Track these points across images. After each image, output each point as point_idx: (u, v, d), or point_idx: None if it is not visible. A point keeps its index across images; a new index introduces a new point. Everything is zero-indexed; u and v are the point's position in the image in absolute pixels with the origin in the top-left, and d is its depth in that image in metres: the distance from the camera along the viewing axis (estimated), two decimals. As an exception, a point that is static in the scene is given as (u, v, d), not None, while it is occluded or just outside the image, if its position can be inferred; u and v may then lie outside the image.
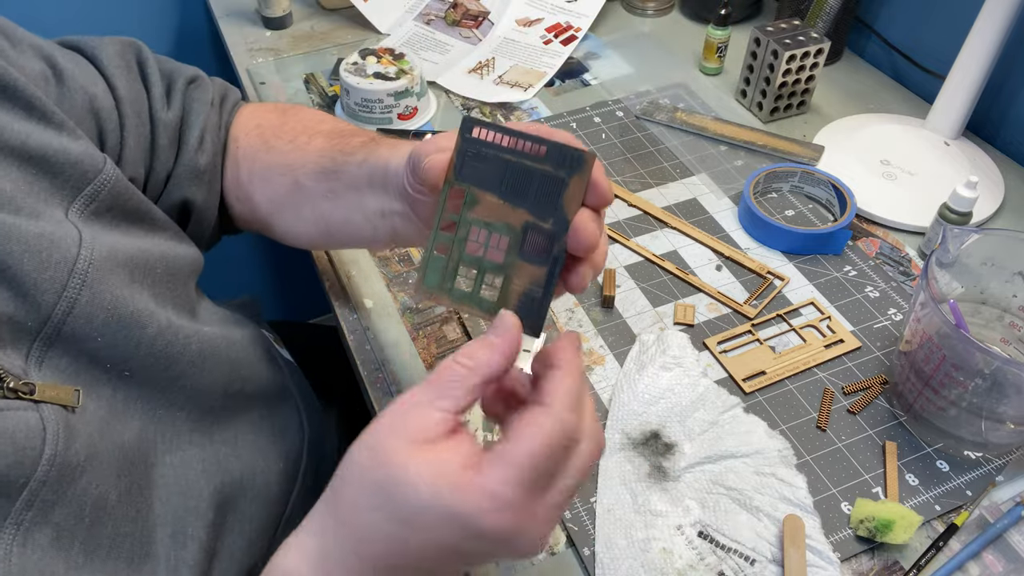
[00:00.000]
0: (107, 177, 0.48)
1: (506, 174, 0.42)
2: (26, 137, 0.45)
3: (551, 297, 0.42)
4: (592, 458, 0.38)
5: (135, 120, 0.56)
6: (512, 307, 0.42)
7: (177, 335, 0.49)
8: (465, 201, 0.43)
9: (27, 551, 0.38)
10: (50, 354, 0.43)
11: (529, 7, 1.07)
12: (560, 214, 0.42)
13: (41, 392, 0.40)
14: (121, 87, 0.56)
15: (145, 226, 0.52)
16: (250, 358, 0.57)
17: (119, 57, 0.57)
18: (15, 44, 0.51)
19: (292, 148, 0.61)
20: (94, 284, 0.44)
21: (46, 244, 0.43)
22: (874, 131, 0.85)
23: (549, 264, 0.42)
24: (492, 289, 0.43)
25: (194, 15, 1.23)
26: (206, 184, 0.61)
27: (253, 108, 0.67)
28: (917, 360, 0.56)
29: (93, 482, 0.42)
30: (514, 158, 0.42)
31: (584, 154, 0.41)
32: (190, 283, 0.55)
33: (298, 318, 1.69)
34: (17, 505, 0.38)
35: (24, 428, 0.39)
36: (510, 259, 0.42)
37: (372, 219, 0.56)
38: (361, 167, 0.55)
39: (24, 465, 0.39)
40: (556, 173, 0.42)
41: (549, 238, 0.42)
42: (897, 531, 0.52)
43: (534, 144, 0.41)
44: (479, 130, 0.42)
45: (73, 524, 0.41)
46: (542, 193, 0.42)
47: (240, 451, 0.54)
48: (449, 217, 0.43)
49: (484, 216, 0.43)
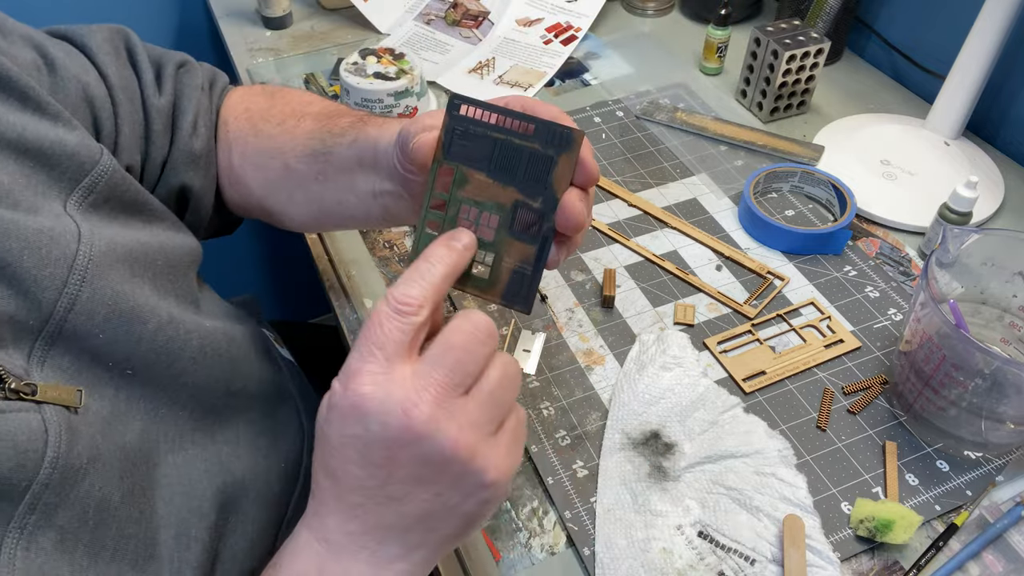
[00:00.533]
0: (104, 168, 0.48)
1: (494, 152, 0.42)
2: (22, 129, 0.44)
3: (541, 274, 0.43)
4: (511, 371, 0.40)
5: (128, 107, 0.56)
6: (503, 284, 0.43)
7: (178, 330, 0.48)
8: (454, 180, 0.43)
9: (31, 555, 0.38)
10: (52, 353, 0.42)
11: (529, 7, 1.07)
12: (549, 193, 0.42)
13: (43, 393, 0.40)
14: (112, 74, 0.55)
15: (143, 217, 0.51)
16: (250, 356, 0.57)
17: (108, 44, 0.57)
18: (6, 34, 0.50)
19: (281, 131, 0.60)
20: (94, 280, 0.44)
21: (45, 240, 0.42)
22: (874, 131, 0.85)
23: (539, 242, 0.42)
24: (483, 266, 0.43)
25: (194, 15, 1.23)
26: (202, 169, 0.61)
27: (242, 91, 0.66)
28: (917, 360, 0.56)
29: (96, 484, 0.42)
30: (502, 136, 0.42)
31: (573, 132, 0.41)
32: (191, 274, 0.54)
33: (298, 318, 1.70)
34: (20, 509, 0.38)
35: (26, 430, 0.38)
36: (500, 237, 0.43)
37: (364, 199, 0.55)
38: (350, 148, 0.55)
39: (26, 468, 0.38)
40: (544, 151, 0.42)
41: (538, 216, 0.42)
42: (897, 531, 0.52)
43: (522, 122, 0.41)
44: (466, 108, 0.42)
45: (77, 527, 0.40)
46: (531, 171, 0.42)
47: (241, 451, 0.54)
48: (439, 196, 0.43)
49: (473, 195, 0.43)
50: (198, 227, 0.63)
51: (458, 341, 0.38)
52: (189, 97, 0.60)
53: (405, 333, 0.38)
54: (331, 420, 0.38)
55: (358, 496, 0.39)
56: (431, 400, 0.37)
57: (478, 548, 0.54)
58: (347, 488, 0.39)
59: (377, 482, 0.38)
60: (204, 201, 0.62)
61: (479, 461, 0.38)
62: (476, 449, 0.37)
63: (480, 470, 0.38)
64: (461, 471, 0.38)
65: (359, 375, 0.37)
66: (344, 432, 0.38)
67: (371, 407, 0.37)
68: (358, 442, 0.38)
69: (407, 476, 0.38)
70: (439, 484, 0.38)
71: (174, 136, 0.59)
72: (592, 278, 0.72)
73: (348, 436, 0.38)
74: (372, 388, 0.37)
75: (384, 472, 0.38)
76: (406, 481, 0.38)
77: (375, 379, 0.37)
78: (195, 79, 0.62)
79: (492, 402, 0.39)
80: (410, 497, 0.38)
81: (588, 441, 0.60)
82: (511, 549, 0.54)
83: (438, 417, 0.37)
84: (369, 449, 0.38)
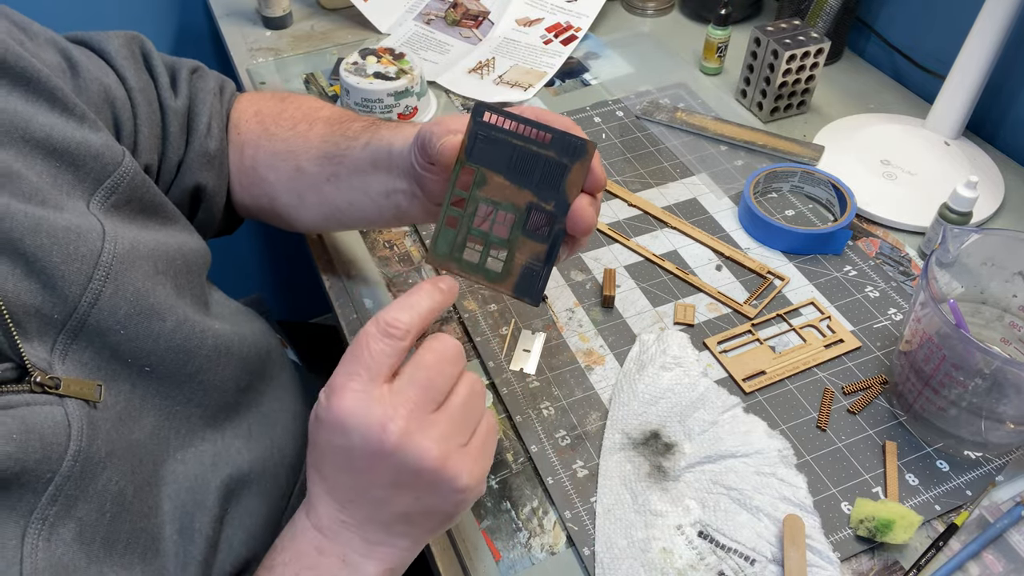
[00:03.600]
0: (126, 170, 0.49)
1: (513, 157, 0.46)
2: (50, 129, 0.46)
3: (551, 271, 0.47)
4: (477, 388, 0.44)
5: (146, 109, 0.57)
6: (515, 277, 0.47)
7: (194, 328, 0.50)
8: (475, 180, 0.46)
9: (52, 545, 0.39)
10: (74, 347, 0.43)
11: (529, 7, 1.07)
12: (561, 197, 0.46)
13: (66, 387, 0.41)
14: (131, 77, 0.57)
15: (159, 219, 0.53)
16: (260, 354, 0.58)
17: (126, 49, 0.58)
18: (32, 37, 0.51)
19: (293, 135, 0.63)
20: (118, 276, 0.45)
21: (73, 237, 0.43)
22: (874, 131, 0.85)
23: (549, 241, 0.46)
24: (497, 261, 0.47)
25: (194, 15, 1.23)
26: (216, 169, 0.63)
27: (252, 96, 0.68)
28: (917, 360, 0.56)
29: (113, 478, 0.43)
30: (521, 143, 0.46)
31: (586, 143, 0.45)
32: (203, 276, 0.56)
33: (299, 318, 1.70)
34: (43, 500, 0.39)
35: (51, 423, 0.40)
36: (514, 235, 0.47)
37: (377, 199, 0.58)
38: (365, 150, 0.57)
39: (51, 460, 0.39)
40: (559, 159, 0.45)
41: (550, 218, 0.46)
42: (897, 531, 0.52)
43: (540, 131, 0.45)
44: (490, 115, 0.46)
45: (95, 519, 0.42)
46: (545, 176, 0.46)
47: (250, 444, 0.55)
48: (459, 193, 0.47)
49: (491, 195, 0.46)
50: (209, 226, 0.65)
51: (430, 361, 0.42)
52: (203, 100, 0.62)
53: (389, 356, 0.41)
54: (319, 429, 0.42)
55: (347, 494, 0.43)
56: (406, 415, 0.40)
57: (478, 548, 0.54)
58: (336, 487, 0.43)
59: (361, 485, 0.42)
60: (216, 200, 0.64)
61: (451, 469, 0.41)
62: (448, 458, 0.41)
63: (453, 477, 0.41)
64: (434, 479, 0.41)
65: (343, 391, 0.41)
66: (330, 441, 0.42)
67: (352, 423, 0.40)
68: (343, 451, 0.41)
69: (388, 483, 0.41)
70: (417, 490, 0.42)
71: (189, 137, 0.61)
72: (592, 278, 0.72)
73: (334, 446, 0.42)
74: (353, 404, 0.40)
75: (367, 478, 0.42)
76: (387, 487, 0.42)
77: (356, 396, 0.40)
78: (208, 83, 0.64)
79: (462, 416, 0.42)
80: (392, 499, 0.42)
81: (588, 441, 0.60)
82: (511, 549, 0.54)
83: (412, 431, 0.40)
84: (352, 458, 0.41)
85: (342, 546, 0.44)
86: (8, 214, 0.41)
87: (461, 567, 0.54)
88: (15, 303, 0.41)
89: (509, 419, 0.61)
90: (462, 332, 0.68)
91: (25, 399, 0.40)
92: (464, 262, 0.47)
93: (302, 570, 0.43)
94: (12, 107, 0.45)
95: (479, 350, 0.66)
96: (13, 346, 0.40)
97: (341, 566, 0.43)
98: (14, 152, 0.44)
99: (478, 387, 0.44)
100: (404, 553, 0.45)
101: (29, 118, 0.45)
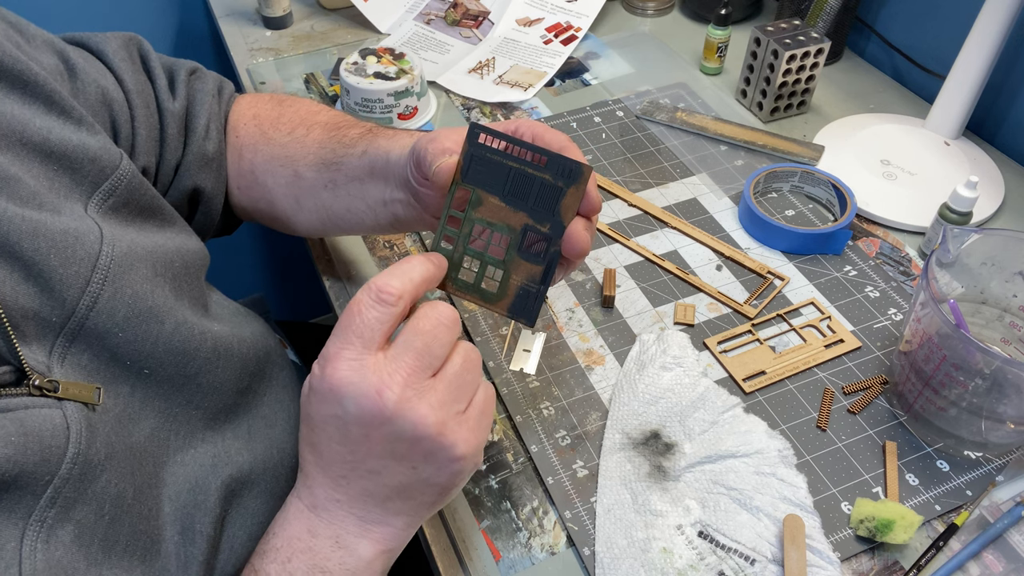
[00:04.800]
0: (124, 173, 0.49)
1: (509, 179, 0.46)
2: (48, 132, 0.46)
3: (546, 292, 0.47)
4: (473, 356, 0.43)
5: (144, 111, 0.57)
6: (510, 298, 0.47)
7: (193, 331, 0.49)
8: (470, 201, 0.46)
9: (50, 548, 0.39)
10: (72, 350, 0.43)
11: (529, 7, 1.07)
12: (557, 219, 0.46)
13: (64, 390, 0.41)
14: (128, 80, 0.57)
15: (157, 221, 0.53)
16: (260, 355, 0.58)
17: (123, 51, 0.58)
18: (29, 39, 0.51)
19: (291, 140, 0.63)
20: (116, 279, 0.45)
21: (71, 240, 0.43)
22: (874, 131, 0.85)
23: (545, 263, 0.46)
24: (492, 281, 0.47)
25: (194, 15, 1.23)
26: (214, 171, 0.62)
27: (250, 98, 0.68)
28: (917, 360, 0.56)
29: (112, 480, 0.43)
30: (517, 165, 0.45)
31: (583, 167, 0.45)
32: (201, 277, 0.56)
33: (299, 318, 1.70)
34: (41, 502, 0.39)
35: (49, 426, 0.40)
36: (510, 256, 0.46)
37: (374, 207, 0.58)
38: (362, 158, 0.57)
39: (50, 463, 0.39)
40: (555, 182, 0.45)
41: (546, 240, 0.46)
42: (897, 531, 0.52)
43: (536, 153, 0.45)
44: (485, 137, 0.46)
45: (93, 521, 0.41)
46: (541, 199, 0.46)
47: (251, 445, 0.55)
48: (454, 214, 0.47)
49: (487, 216, 0.46)
50: (207, 228, 0.65)
51: (425, 327, 0.41)
52: (201, 102, 0.62)
53: (382, 322, 0.40)
54: (312, 401, 0.42)
55: (341, 468, 0.42)
56: (402, 382, 0.40)
57: (478, 548, 0.54)
58: (330, 462, 0.43)
59: (357, 457, 0.42)
60: (215, 202, 0.64)
61: (448, 436, 0.41)
62: (445, 426, 0.41)
63: (450, 445, 0.41)
64: (432, 447, 0.41)
65: (337, 360, 0.40)
66: (324, 412, 0.41)
67: (347, 390, 0.40)
68: (337, 421, 0.41)
69: (383, 452, 0.41)
70: (413, 459, 0.41)
71: (187, 139, 0.61)
72: (592, 278, 0.72)
73: (328, 416, 0.41)
74: (348, 372, 0.40)
75: (363, 448, 0.41)
76: (383, 456, 0.41)
77: (351, 364, 0.40)
78: (206, 85, 0.64)
79: (458, 383, 0.42)
80: (388, 471, 0.42)
81: (588, 441, 0.60)
82: (511, 549, 0.54)
83: (408, 397, 0.40)
84: (347, 428, 0.41)
85: (335, 527, 0.43)
86: (5, 218, 0.41)
87: (461, 567, 0.54)
88: (13, 307, 0.41)
89: (509, 419, 0.61)
90: (462, 332, 0.68)
91: (24, 402, 0.40)
92: (460, 281, 0.47)
93: (294, 554, 0.43)
94: (9, 110, 0.45)
95: (479, 350, 0.66)
96: (11, 349, 0.40)
97: (335, 547, 0.43)
98: (11, 156, 0.44)
99: (474, 355, 0.44)
100: (400, 533, 0.44)
101: (26, 121, 0.45)
